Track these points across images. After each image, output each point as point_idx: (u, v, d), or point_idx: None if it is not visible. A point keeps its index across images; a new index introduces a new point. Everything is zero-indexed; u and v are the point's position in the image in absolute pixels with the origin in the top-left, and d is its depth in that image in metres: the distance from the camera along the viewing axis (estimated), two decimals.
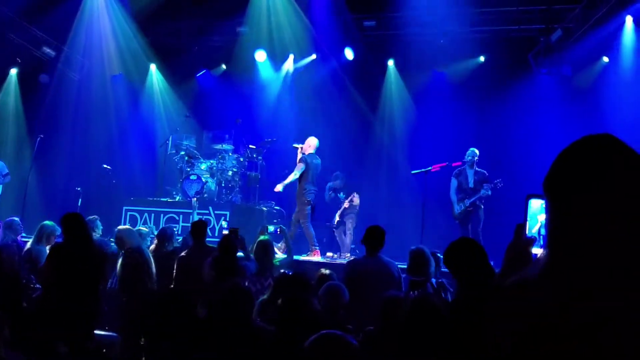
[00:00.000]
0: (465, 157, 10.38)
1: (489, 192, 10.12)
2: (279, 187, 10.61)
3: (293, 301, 4.43)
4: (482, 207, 10.29)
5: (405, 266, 5.99)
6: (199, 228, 7.30)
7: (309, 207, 10.34)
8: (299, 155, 10.66)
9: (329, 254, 11.01)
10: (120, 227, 7.86)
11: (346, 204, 11.39)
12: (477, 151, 10.42)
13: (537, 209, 1.85)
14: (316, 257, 9.95)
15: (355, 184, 13.09)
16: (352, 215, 11.35)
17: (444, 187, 10.69)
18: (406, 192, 12.32)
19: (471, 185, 10.29)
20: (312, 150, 10.67)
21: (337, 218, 11.49)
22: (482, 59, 13.23)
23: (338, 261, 9.96)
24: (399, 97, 14.13)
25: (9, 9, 13.79)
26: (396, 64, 14.04)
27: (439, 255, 6.08)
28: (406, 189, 12.30)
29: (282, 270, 6.13)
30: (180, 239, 8.88)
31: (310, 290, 4.64)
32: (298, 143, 10.96)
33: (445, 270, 4.74)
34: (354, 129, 13.82)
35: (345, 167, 13.31)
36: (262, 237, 6.94)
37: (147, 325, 2.84)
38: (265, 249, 6.65)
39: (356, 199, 11.34)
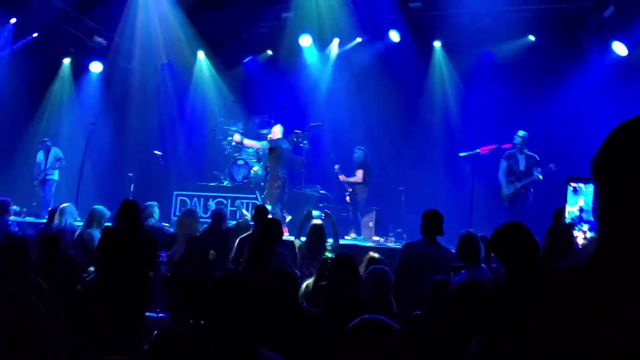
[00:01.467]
0: (515, 140, 10.20)
1: (540, 177, 9.92)
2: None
3: (338, 284, 4.46)
4: (532, 190, 10.11)
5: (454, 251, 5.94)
6: (262, 212, 7.51)
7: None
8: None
9: (375, 237, 11.00)
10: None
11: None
12: (526, 134, 10.22)
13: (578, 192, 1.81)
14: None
15: (402, 168, 13.04)
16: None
17: (492, 169, 10.54)
18: (454, 175, 12.18)
19: (522, 168, 10.12)
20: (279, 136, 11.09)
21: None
22: (531, 38, 12.92)
23: (388, 244, 9.97)
24: (446, 78, 13.93)
25: (62, 0, 14.11)
26: (443, 45, 13.83)
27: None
28: (454, 172, 12.16)
29: (327, 254, 6.16)
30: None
31: (355, 274, 4.65)
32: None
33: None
34: (400, 112, 13.69)
35: (392, 151, 13.26)
36: (315, 221, 7.01)
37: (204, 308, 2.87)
38: (320, 233, 6.70)
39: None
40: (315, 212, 8.03)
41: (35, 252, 5.88)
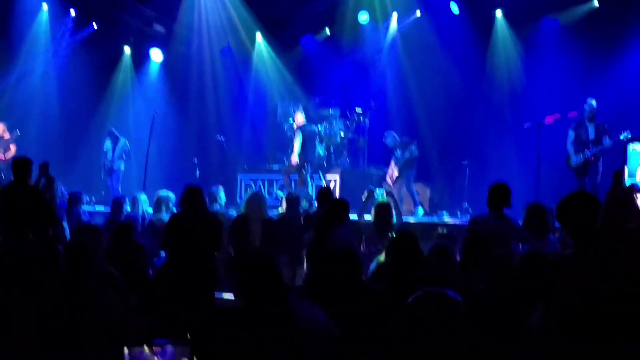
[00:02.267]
0: (585, 108, 9.86)
1: (610, 144, 9.53)
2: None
3: (399, 262, 4.42)
4: (602, 159, 9.76)
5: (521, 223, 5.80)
6: (327, 193, 7.61)
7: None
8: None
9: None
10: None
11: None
12: (594, 103, 9.86)
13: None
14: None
15: (467, 142, 12.82)
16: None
17: (559, 140, 10.22)
18: (519, 146, 11.87)
19: (592, 137, 9.78)
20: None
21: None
22: (595, 3, 12.42)
23: (450, 221, 9.85)
24: (509, 48, 13.53)
25: None
26: (504, 13, 13.45)
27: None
28: (518, 142, 11.85)
29: (393, 233, 6.12)
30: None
31: (416, 250, 4.60)
32: None
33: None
34: (463, 85, 13.41)
35: (456, 125, 13.04)
36: (380, 200, 7.01)
37: None
38: (386, 212, 6.69)
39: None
40: (377, 191, 8.01)
41: (106, 241, 6.09)
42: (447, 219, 10.43)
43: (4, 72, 14.46)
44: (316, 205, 8.08)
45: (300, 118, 11.72)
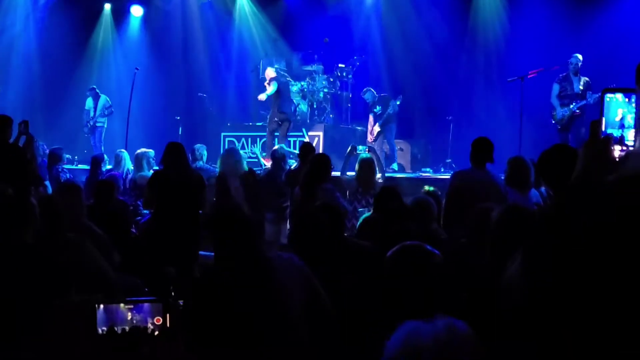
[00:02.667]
0: (571, 61, 9.84)
1: (592, 101, 9.54)
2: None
3: (386, 216, 4.46)
4: (586, 114, 9.77)
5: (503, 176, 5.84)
6: (309, 148, 7.60)
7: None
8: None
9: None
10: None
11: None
12: (580, 57, 9.83)
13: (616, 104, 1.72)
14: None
15: (450, 97, 12.80)
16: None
17: (542, 94, 10.23)
18: (502, 101, 11.88)
19: (578, 90, 9.78)
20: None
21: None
22: None
23: (429, 175, 9.91)
24: (492, 1, 13.43)
25: None
26: None
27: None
28: (502, 97, 11.86)
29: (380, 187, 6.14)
30: None
31: (401, 205, 4.64)
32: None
33: None
34: (446, 40, 13.32)
35: (439, 81, 13.00)
36: (364, 155, 7.00)
37: None
38: (370, 167, 6.71)
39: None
40: (360, 147, 7.99)
41: (87, 199, 6.05)
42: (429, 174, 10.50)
43: None
44: (298, 161, 8.06)
45: (271, 72, 11.60)
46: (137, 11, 15.40)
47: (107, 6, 15.59)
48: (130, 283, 4.44)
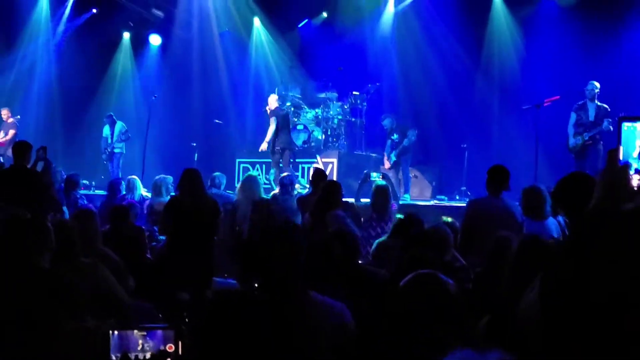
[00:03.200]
0: (586, 90, 9.82)
1: (611, 127, 9.45)
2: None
3: (408, 241, 4.41)
4: (602, 142, 9.70)
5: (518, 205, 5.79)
6: (321, 175, 7.61)
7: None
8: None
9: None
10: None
11: None
12: (597, 84, 9.79)
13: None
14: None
15: (465, 125, 12.79)
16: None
17: (558, 122, 10.19)
18: (518, 128, 11.83)
19: (592, 118, 9.73)
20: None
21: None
22: None
23: (444, 203, 9.86)
24: (507, 29, 13.45)
25: None
26: None
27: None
28: (517, 124, 11.81)
29: (397, 215, 6.12)
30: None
31: (423, 234, 4.60)
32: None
33: None
34: (460, 68, 13.36)
35: (453, 108, 13.01)
36: (379, 182, 7.00)
37: None
38: (384, 194, 6.70)
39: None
40: (373, 174, 7.98)
41: (103, 224, 6.08)
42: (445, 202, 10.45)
43: (5, 56, 14.46)
44: (310, 187, 8.07)
45: (273, 102, 11.67)
46: (155, 40, 15.71)
47: (126, 35, 15.92)
48: (144, 309, 4.44)
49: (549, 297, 1.55)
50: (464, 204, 7.12)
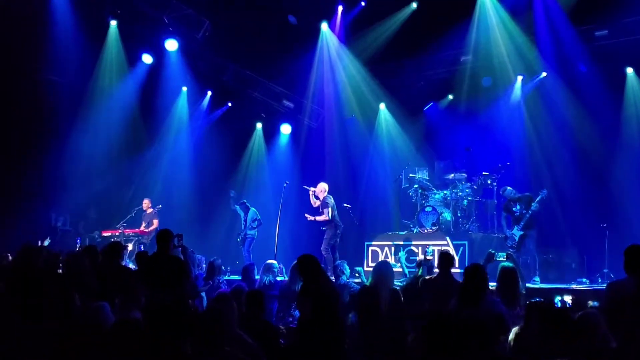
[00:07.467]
0: None
1: None
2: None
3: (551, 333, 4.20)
4: None
5: None
6: (448, 258, 7.55)
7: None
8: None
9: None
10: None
11: None
12: None
13: None
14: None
15: (603, 204, 12.22)
16: None
17: None
18: None
19: None
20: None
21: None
22: None
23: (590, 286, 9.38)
24: None
25: (252, 70, 15.40)
26: (636, 71, 12.92)
27: None
28: None
29: (532, 300, 5.80)
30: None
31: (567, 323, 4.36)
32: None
33: None
34: (595, 146, 12.87)
35: (591, 187, 12.51)
36: (505, 264, 6.59)
37: None
38: (512, 276, 6.25)
39: None
40: (499, 254, 7.59)
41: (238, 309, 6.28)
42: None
43: (148, 148, 15.68)
44: (436, 270, 7.90)
45: (322, 191, 12.33)
46: (286, 129, 16.69)
47: (259, 125, 16.92)
48: None
49: None
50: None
